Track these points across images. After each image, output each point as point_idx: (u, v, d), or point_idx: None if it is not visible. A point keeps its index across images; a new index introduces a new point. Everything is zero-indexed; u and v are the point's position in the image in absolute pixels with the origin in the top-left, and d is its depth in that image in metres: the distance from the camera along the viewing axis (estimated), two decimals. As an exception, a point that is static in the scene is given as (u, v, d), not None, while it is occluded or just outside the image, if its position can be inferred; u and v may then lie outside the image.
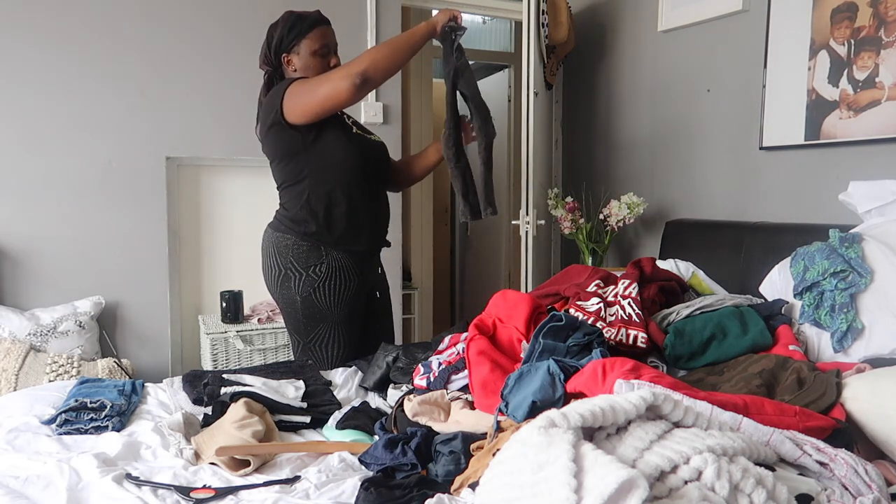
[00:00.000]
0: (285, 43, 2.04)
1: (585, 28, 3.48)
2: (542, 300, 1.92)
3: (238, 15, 2.95)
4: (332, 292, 2.03)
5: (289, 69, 2.07)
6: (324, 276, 2.02)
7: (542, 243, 3.41)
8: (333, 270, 2.03)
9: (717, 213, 2.77)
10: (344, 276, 2.05)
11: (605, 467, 0.80)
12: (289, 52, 2.05)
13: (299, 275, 2.02)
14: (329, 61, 2.05)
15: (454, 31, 2.02)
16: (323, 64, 2.04)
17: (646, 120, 3.15)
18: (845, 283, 1.67)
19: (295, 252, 2.02)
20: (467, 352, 1.59)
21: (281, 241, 2.04)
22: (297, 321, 2.07)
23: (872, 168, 2.18)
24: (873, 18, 2.18)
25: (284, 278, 2.04)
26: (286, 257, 2.03)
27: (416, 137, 4.09)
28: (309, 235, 2.02)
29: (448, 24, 2.00)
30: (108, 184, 2.78)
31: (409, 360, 1.78)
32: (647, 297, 1.80)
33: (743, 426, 1.08)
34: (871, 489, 1.01)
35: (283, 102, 1.94)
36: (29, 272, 2.70)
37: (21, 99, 2.64)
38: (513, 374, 1.39)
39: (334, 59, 2.07)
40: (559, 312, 1.58)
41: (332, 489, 1.25)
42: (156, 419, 1.59)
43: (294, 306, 2.05)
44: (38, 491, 1.23)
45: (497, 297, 1.83)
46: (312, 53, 2.03)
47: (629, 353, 1.64)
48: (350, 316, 2.09)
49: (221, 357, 2.77)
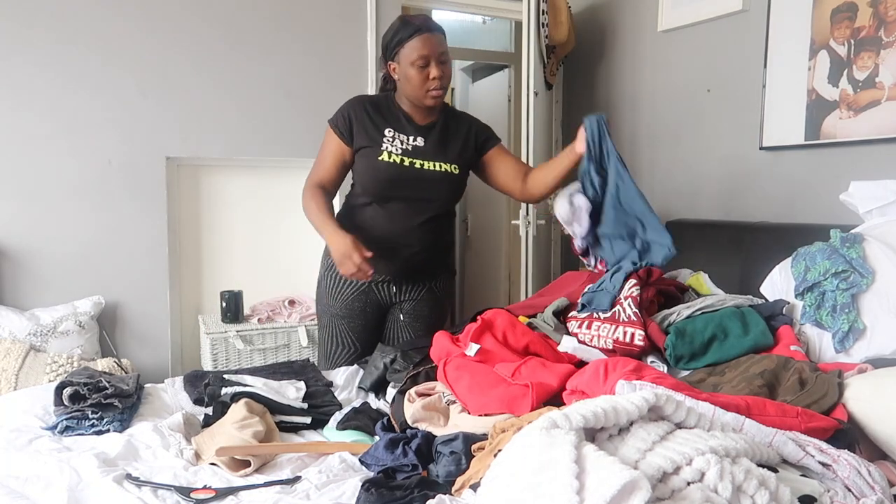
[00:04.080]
0: (390, 49, 1.99)
1: (585, 28, 3.48)
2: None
3: (238, 15, 2.94)
4: (333, 283, 2.12)
5: (394, 76, 2.03)
6: (331, 265, 2.08)
7: (542, 243, 3.41)
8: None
9: (717, 213, 2.77)
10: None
11: (608, 468, 0.80)
12: (392, 59, 2.00)
13: (325, 259, 2.17)
14: (428, 73, 1.94)
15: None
16: (421, 75, 1.94)
17: (646, 120, 3.15)
18: (846, 284, 1.67)
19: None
20: (444, 377, 1.58)
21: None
22: (316, 304, 2.24)
23: (873, 168, 2.18)
24: (873, 18, 2.17)
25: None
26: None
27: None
28: (341, 224, 2.05)
29: (352, 275, 1.90)
30: (108, 184, 2.78)
31: (406, 363, 1.78)
32: (646, 298, 1.80)
33: (745, 427, 1.08)
34: (874, 490, 1.01)
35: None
36: (29, 272, 2.69)
37: (21, 99, 2.63)
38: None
39: (435, 71, 1.93)
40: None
41: (332, 490, 1.24)
42: (156, 419, 1.59)
43: (317, 288, 2.22)
44: (38, 491, 1.23)
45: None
46: (411, 63, 1.93)
47: (630, 354, 1.64)
48: (346, 313, 2.11)
49: (221, 357, 2.77)
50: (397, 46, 1.96)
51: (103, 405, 1.56)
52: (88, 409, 1.54)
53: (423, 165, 2.01)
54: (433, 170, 2.02)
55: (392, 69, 2.01)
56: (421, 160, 2.01)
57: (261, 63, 2.96)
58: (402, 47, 1.95)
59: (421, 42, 1.93)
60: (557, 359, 1.66)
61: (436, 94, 1.98)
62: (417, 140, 2.03)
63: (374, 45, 3.17)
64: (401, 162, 2.00)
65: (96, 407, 1.55)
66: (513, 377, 1.50)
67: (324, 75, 3.09)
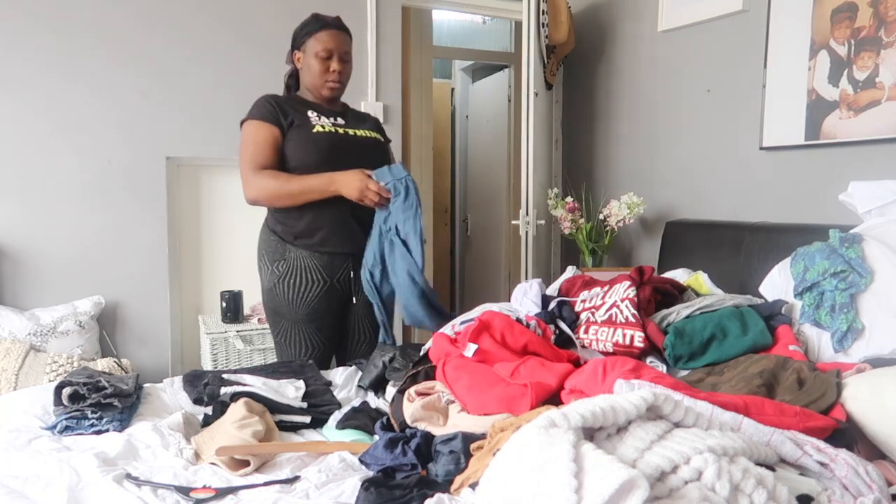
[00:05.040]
0: (298, 39, 2.12)
1: (585, 28, 3.48)
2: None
3: (238, 15, 2.95)
4: (292, 289, 2.07)
5: (297, 65, 2.15)
6: (284, 273, 2.06)
7: (542, 243, 3.42)
8: (294, 268, 2.06)
9: (717, 213, 2.77)
10: (306, 276, 2.06)
11: (606, 467, 0.80)
12: (299, 49, 2.12)
13: (267, 268, 2.11)
14: (329, 66, 2.08)
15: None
16: (322, 66, 2.08)
17: (646, 120, 3.15)
18: (845, 284, 1.67)
19: (266, 246, 2.12)
20: (443, 377, 1.58)
21: (261, 233, 2.17)
22: (266, 314, 2.19)
23: (872, 168, 2.18)
24: (873, 18, 2.18)
25: (259, 270, 2.16)
26: (260, 250, 2.14)
27: (416, 137, 4.08)
28: (275, 232, 2.09)
29: (376, 203, 2.00)
30: (108, 184, 2.78)
31: (406, 361, 1.78)
32: (644, 298, 1.80)
33: (743, 426, 1.08)
34: (872, 489, 1.01)
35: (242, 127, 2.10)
36: (29, 272, 2.70)
37: (21, 99, 2.64)
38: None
39: (336, 65, 2.08)
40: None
41: (332, 489, 1.25)
42: (156, 419, 1.59)
43: (263, 299, 2.17)
44: (38, 491, 1.23)
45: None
46: (315, 54, 2.07)
47: (630, 356, 1.64)
48: (311, 317, 2.09)
49: (221, 357, 2.77)
50: (306, 36, 2.08)
51: (103, 405, 1.56)
52: (88, 409, 1.54)
53: (356, 133, 2.12)
54: (365, 136, 2.14)
55: (297, 58, 2.13)
56: (352, 129, 2.12)
57: (261, 63, 2.96)
58: (309, 38, 2.07)
59: (328, 36, 2.06)
60: (556, 358, 1.66)
61: (333, 85, 2.10)
62: (338, 119, 2.13)
63: (373, 46, 3.17)
64: (335, 130, 2.08)
65: (96, 407, 1.55)
66: (512, 377, 1.50)
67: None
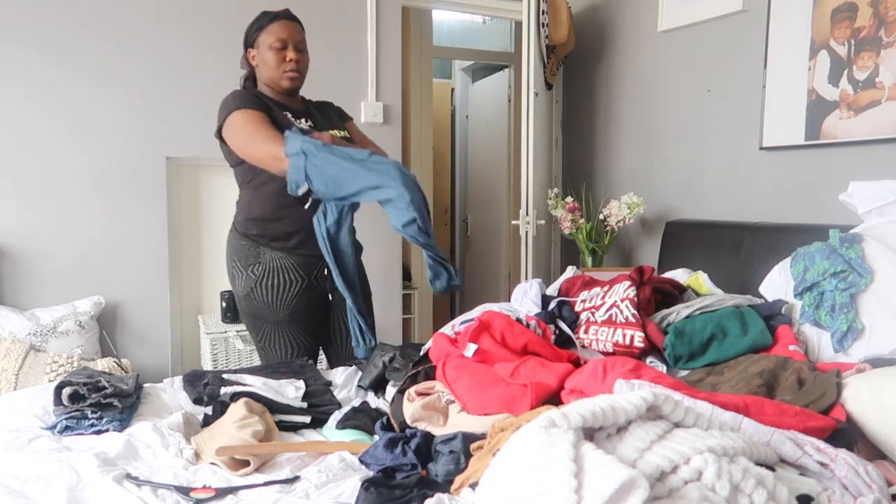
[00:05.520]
0: (249, 37, 2.05)
1: (585, 28, 3.48)
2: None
3: (238, 15, 2.93)
4: (270, 292, 2.03)
5: (253, 63, 2.07)
6: (261, 275, 2.02)
7: (542, 243, 3.42)
8: (270, 270, 2.02)
9: (717, 213, 2.77)
10: (284, 276, 2.03)
11: (606, 467, 0.80)
12: (252, 47, 2.05)
13: (241, 273, 2.05)
14: (284, 56, 1.99)
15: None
16: (278, 57, 1.99)
17: (646, 120, 3.15)
18: (845, 284, 1.67)
19: (236, 252, 2.07)
20: (443, 377, 1.58)
21: (230, 239, 2.10)
22: (246, 320, 2.13)
23: (872, 168, 2.18)
24: (873, 18, 2.18)
25: (231, 276, 2.10)
26: (231, 256, 2.08)
27: (416, 137, 4.08)
28: (248, 235, 2.05)
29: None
30: (108, 184, 2.78)
31: (406, 361, 1.78)
32: (643, 298, 1.80)
33: (743, 426, 1.08)
34: (872, 489, 1.01)
35: (223, 127, 1.95)
36: (29, 272, 2.70)
37: (21, 99, 2.64)
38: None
39: (292, 54, 1.99)
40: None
41: (332, 489, 1.25)
42: (156, 419, 1.59)
43: (241, 305, 2.11)
44: (37, 491, 1.23)
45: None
46: (269, 46, 2.00)
47: (630, 356, 1.64)
48: (293, 317, 2.06)
49: (221, 357, 2.77)
50: (257, 32, 2.02)
51: (102, 405, 1.56)
52: (88, 409, 1.54)
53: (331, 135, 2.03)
54: (338, 136, 2.05)
55: (251, 56, 2.06)
56: (325, 131, 2.02)
57: (261, 63, 2.96)
58: (261, 32, 2.01)
59: (280, 27, 2.00)
60: (556, 358, 1.66)
61: (292, 75, 2.02)
62: (308, 122, 2.06)
63: (374, 46, 3.17)
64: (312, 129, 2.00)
65: (96, 407, 1.55)
66: (512, 377, 1.50)
67: (324, 75, 3.07)
